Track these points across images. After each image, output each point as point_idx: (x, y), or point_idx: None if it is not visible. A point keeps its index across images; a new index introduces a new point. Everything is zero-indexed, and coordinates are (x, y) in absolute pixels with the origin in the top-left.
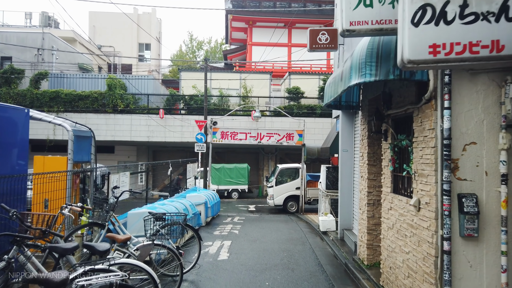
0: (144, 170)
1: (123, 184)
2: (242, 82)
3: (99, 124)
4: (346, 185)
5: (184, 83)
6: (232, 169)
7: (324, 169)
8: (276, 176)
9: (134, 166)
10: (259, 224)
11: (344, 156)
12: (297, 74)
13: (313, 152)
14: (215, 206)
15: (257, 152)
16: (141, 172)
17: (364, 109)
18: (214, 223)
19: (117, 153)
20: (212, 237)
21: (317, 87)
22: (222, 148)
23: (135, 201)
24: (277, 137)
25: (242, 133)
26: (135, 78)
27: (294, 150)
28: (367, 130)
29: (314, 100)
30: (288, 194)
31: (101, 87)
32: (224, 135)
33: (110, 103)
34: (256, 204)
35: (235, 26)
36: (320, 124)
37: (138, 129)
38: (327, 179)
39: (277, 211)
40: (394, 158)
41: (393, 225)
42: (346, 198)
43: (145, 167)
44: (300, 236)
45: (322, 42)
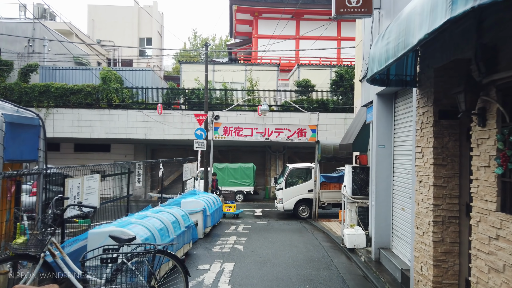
0: (127, 172)
1: (90, 191)
2: (247, 74)
3: (92, 121)
4: (383, 191)
5: (185, 76)
6: (236, 169)
7: (350, 170)
8: (285, 177)
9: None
10: (268, 235)
11: (380, 154)
12: (307, 66)
13: (328, 150)
14: (216, 212)
15: (264, 151)
16: (122, 174)
17: (425, 84)
18: (215, 234)
19: (113, 151)
20: (210, 256)
21: (329, 79)
22: (226, 146)
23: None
24: (288, 133)
25: (248, 128)
26: (132, 70)
27: (304, 148)
28: (432, 114)
29: (325, 94)
30: (300, 197)
31: (96, 81)
32: (227, 131)
33: (105, 97)
34: (263, 207)
35: (240, 18)
36: (333, 120)
37: (135, 125)
38: (354, 182)
39: (287, 216)
40: (507, 154)
41: (505, 267)
42: (383, 208)
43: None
44: (322, 255)
45: (353, 5)
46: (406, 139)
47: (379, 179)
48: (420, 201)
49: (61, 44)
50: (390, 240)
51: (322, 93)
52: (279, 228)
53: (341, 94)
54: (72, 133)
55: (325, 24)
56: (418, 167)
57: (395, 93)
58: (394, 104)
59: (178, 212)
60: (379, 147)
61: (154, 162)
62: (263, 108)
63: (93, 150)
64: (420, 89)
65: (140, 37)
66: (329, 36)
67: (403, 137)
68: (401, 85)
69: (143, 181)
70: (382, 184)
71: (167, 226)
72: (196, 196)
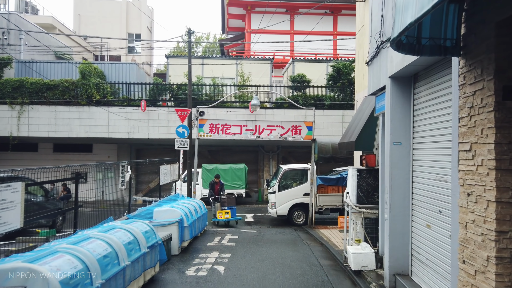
0: (70, 178)
1: (6, 207)
2: (238, 69)
3: (71, 118)
4: (399, 200)
5: (172, 71)
6: (226, 170)
7: (354, 173)
8: (279, 179)
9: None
10: (257, 250)
11: (396, 153)
12: (302, 61)
13: (326, 149)
14: (198, 222)
15: (256, 151)
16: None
17: (477, 49)
18: (194, 248)
19: (96, 152)
20: (182, 284)
21: (326, 74)
22: (216, 145)
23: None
24: (281, 130)
25: (236, 125)
26: (114, 63)
27: (299, 148)
28: (491, 93)
29: (322, 90)
30: (294, 201)
31: (77, 76)
32: (213, 129)
33: (84, 93)
34: (255, 212)
35: (232, 12)
36: (330, 118)
37: (117, 124)
38: (359, 188)
39: (280, 222)
40: None
41: None
42: (399, 222)
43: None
44: (321, 281)
45: None
46: (432, 134)
47: (394, 185)
48: (470, 224)
49: (42, 38)
50: (409, 264)
51: (318, 88)
52: (270, 238)
53: (339, 90)
54: (48, 132)
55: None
56: (465, 173)
57: (414, 75)
58: (413, 89)
59: (139, 228)
60: (394, 145)
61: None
62: (254, 103)
63: (74, 151)
64: (467, 58)
65: (129, 33)
66: (325, 31)
67: (427, 131)
68: (438, 53)
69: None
70: (398, 192)
71: (118, 250)
72: (174, 203)
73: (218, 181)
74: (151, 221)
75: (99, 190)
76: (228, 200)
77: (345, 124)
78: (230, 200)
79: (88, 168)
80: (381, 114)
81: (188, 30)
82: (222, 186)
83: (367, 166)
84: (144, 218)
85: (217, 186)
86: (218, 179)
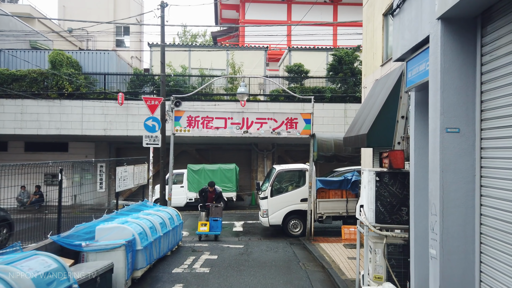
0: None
1: None
2: (229, 59)
3: (40, 114)
4: (457, 225)
5: (156, 62)
6: (215, 171)
7: (371, 178)
8: (271, 182)
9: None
10: (238, 279)
11: (450, 146)
12: (300, 49)
13: (327, 147)
14: (166, 238)
15: (249, 149)
16: None
17: None
18: (153, 278)
19: (72, 151)
20: None
21: (326, 64)
22: (204, 143)
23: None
24: (273, 124)
25: (220, 118)
26: (90, 51)
27: (297, 146)
28: None
29: (321, 81)
30: (290, 208)
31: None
32: (192, 122)
33: (55, 85)
34: (245, 219)
35: (226, 2)
36: (331, 112)
37: (92, 119)
38: (379, 200)
39: (274, 233)
40: None
41: None
42: (457, 263)
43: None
44: None
45: None
46: None
47: (449, 200)
48: None
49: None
50: None
51: (317, 80)
52: (258, 258)
53: (341, 81)
54: (15, 129)
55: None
56: None
57: (482, 14)
58: (481, 38)
59: (37, 266)
60: (448, 132)
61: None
62: (241, 91)
63: (48, 150)
64: None
65: (117, 26)
66: (324, 21)
67: (509, 109)
68: None
69: (106, 186)
70: (455, 213)
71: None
72: (132, 216)
73: (213, 189)
74: (88, 243)
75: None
76: (214, 210)
77: (348, 119)
78: (216, 209)
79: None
80: (417, 86)
81: (161, 3)
82: (219, 195)
83: (391, 167)
84: (81, 239)
85: (211, 195)
86: (212, 188)
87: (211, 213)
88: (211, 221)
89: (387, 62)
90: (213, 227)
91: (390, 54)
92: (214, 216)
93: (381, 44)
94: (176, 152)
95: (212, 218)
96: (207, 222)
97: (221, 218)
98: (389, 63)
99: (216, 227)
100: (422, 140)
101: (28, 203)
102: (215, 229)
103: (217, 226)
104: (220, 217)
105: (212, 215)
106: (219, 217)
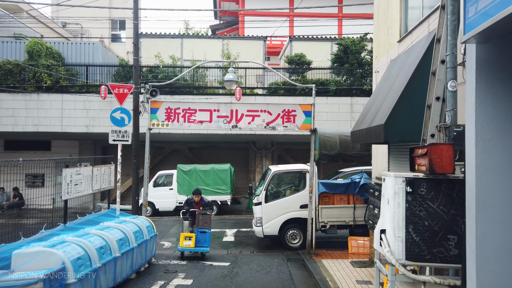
0: None
1: None
2: (225, 49)
3: (16, 109)
4: None
5: (145, 53)
6: (208, 171)
7: (399, 187)
8: (266, 185)
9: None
10: None
11: None
12: (302, 39)
13: (331, 144)
14: (127, 259)
15: (246, 148)
16: None
17: None
18: None
19: (55, 150)
20: None
21: (330, 54)
22: (197, 141)
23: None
24: (267, 117)
25: (204, 110)
26: (74, 42)
27: (298, 144)
28: None
29: (325, 73)
30: (288, 216)
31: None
32: (171, 115)
33: (32, 78)
34: (239, 226)
35: None
36: (335, 107)
37: (73, 115)
38: (411, 224)
39: (269, 244)
40: None
41: None
42: None
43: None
44: None
45: None
46: None
47: None
48: None
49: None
50: None
51: (321, 72)
52: (244, 284)
53: (346, 73)
54: None
55: None
56: None
57: None
58: None
59: None
60: None
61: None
62: (229, 78)
63: (29, 149)
64: None
65: (112, 19)
66: (328, 13)
67: None
68: None
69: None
70: None
71: None
72: (79, 232)
73: (199, 199)
74: None
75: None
76: (201, 218)
77: (354, 114)
78: (203, 218)
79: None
80: (483, 33)
81: None
82: (208, 206)
83: (432, 171)
84: None
85: (197, 206)
86: (198, 197)
87: (198, 222)
88: (198, 234)
89: (407, 36)
90: (199, 241)
91: (409, 25)
92: (202, 227)
93: (398, 15)
94: (167, 151)
95: (198, 229)
96: (192, 235)
97: (210, 230)
98: (410, 36)
99: (204, 242)
100: (492, 126)
101: (6, 206)
102: (202, 244)
103: (205, 240)
104: (209, 227)
105: (199, 225)
106: (208, 228)
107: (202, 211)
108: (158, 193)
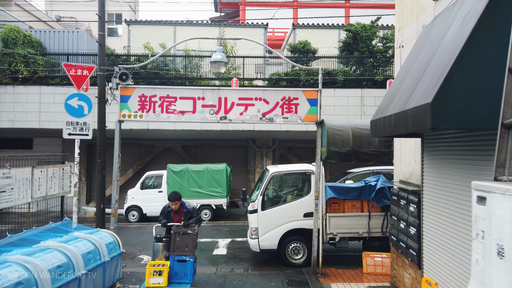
0: None
1: None
2: (221, 34)
3: None
4: None
5: (134, 43)
6: (201, 172)
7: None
8: (263, 189)
9: None
10: None
11: None
12: (306, 26)
13: (342, 138)
14: None
15: (246, 146)
16: None
17: None
18: None
19: (37, 149)
20: None
21: (337, 42)
22: (191, 139)
23: None
24: (263, 106)
25: (186, 98)
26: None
27: (303, 142)
28: None
29: (332, 63)
30: (289, 226)
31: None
32: (146, 104)
33: (7, 68)
34: (235, 235)
35: None
36: (343, 99)
37: (52, 109)
38: None
39: (268, 259)
40: None
41: None
42: None
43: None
44: None
45: None
46: None
47: None
48: None
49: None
50: None
51: (327, 61)
52: None
53: (356, 62)
54: None
55: None
56: None
57: None
58: None
59: None
60: None
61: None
62: (216, 59)
63: (9, 147)
64: None
65: (108, 13)
66: (334, 2)
67: None
68: None
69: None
70: None
71: None
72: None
73: (178, 206)
74: None
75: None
76: (180, 240)
77: (365, 108)
78: (182, 239)
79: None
80: None
81: None
82: (191, 213)
83: None
84: None
85: (177, 217)
86: (176, 204)
87: (173, 246)
88: (174, 264)
89: None
90: (177, 275)
91: None
92: (180, 253)
93: None
94: (158, 150)
95: (175, 256)
96: (165, 265)
97: (193, 256)
98: None
99: (184, 275)
100: None
101: None
102: (180, 279)
103: (184, 272)
104: (191, 253)
105: (176, 251)
106: (188, 255)
107: (180, 229)
108: (146, 196)
